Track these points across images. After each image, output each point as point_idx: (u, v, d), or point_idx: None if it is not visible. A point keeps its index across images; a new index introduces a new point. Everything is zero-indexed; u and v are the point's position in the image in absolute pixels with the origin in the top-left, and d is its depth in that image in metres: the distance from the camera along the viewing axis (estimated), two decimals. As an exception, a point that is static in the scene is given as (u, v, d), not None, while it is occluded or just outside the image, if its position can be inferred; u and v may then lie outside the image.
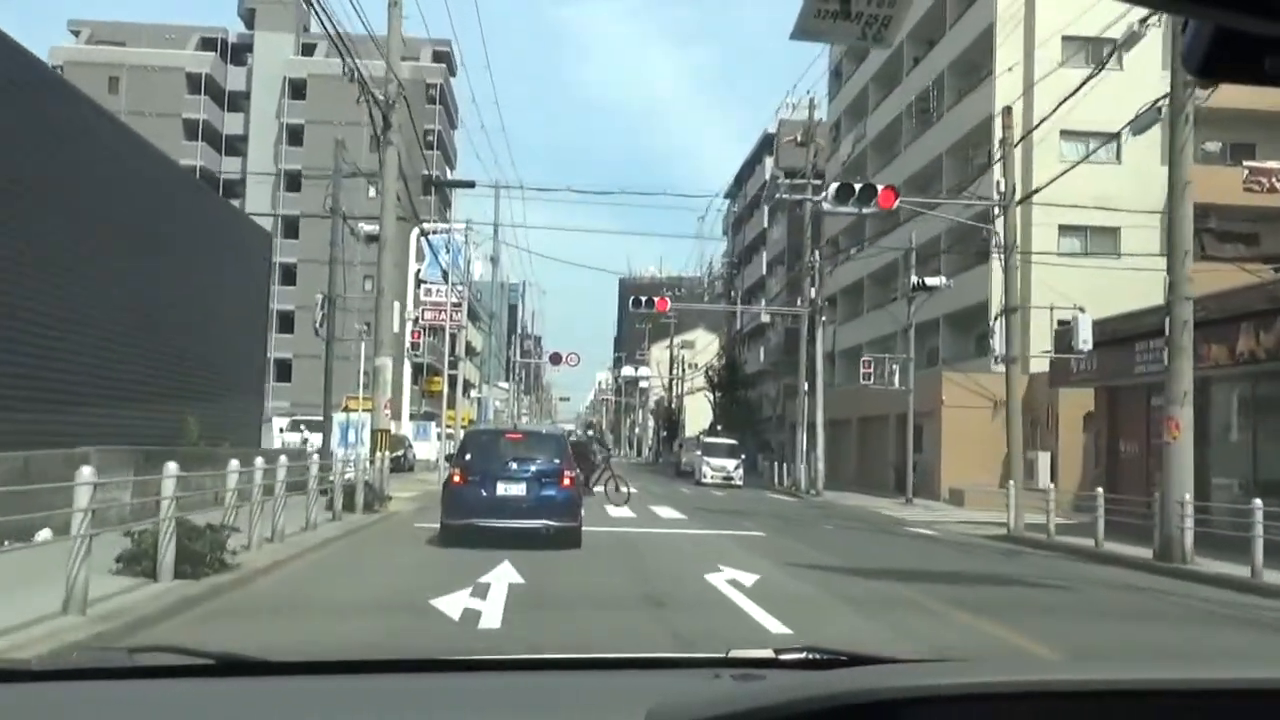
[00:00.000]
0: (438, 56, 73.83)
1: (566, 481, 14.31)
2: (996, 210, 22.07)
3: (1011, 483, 20.68)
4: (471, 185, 33.06)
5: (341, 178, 25.42)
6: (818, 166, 40.09)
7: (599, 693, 1.99)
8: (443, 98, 73.11)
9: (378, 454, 20.44)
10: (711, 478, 41.43)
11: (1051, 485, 19.73)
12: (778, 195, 39.54)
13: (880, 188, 20.18)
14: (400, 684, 2.03)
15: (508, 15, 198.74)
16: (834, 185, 20.42)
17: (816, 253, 37.45)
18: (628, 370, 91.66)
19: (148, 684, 1.97)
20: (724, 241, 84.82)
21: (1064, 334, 21.94)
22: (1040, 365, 34.41)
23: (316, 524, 14.59)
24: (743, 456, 44.14)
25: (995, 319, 21.92)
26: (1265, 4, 0.97)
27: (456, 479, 14.31)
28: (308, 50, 72.90)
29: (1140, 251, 33.99)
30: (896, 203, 20.51)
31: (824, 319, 36.55)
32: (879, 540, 19.22)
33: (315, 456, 14.70)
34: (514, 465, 14.35)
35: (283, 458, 12.78)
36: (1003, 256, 21.52)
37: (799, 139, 40.69)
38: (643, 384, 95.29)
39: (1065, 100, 19.88)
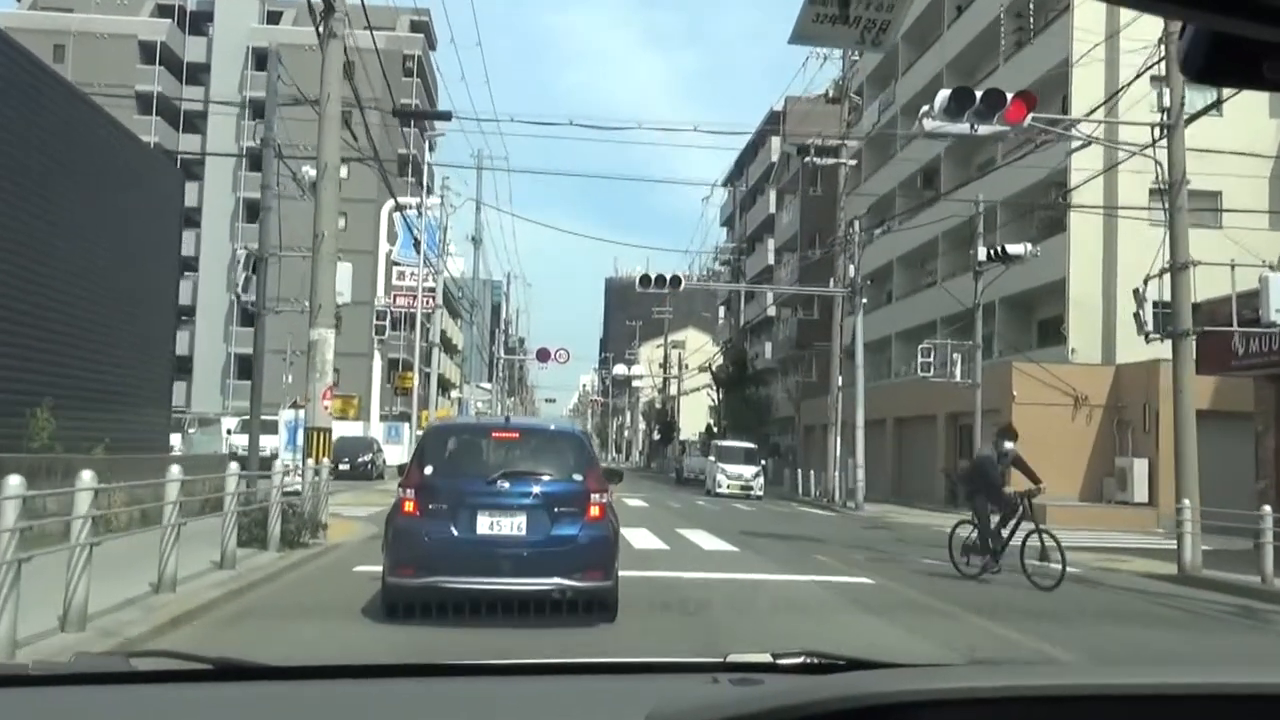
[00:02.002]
0: (416, 26, 68.09)
1: (594, 510, 8.54)
2: (1151, 138, 16.44)
3: (1186, 503, 15.02)
4: (448, 118, 27.96)
5: (278, 104, 19.64)
6: (827, 142, 34.33)
7: (598, 697, 1.96)
8: (420, 71, 67.21)
9: (310, 463, 14.69)
10: (728, 487, 35.75)
11: (1268, 509, 14.05)
12: (806, 159, 33.72)
13: (1010, 95, 14.55)
14: (399, 689, 1.99)
15: (495, 18, 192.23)
16: (943, 93, 14.74)
17: (856, 221, 31.74)
18: (619, 369, 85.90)
19: (145, 689, 1.93)
20: (723, 233, 79.35)
21: (1239, 302, 16.39)
22: (1129, 355, 28.89)
23: (176, 582, 8.81)
24: (762, 463, 38.50)
25: (1149, 280, 16.32)
26: (1263, 9, 0.96)
27: (409, 506, 8.54)
28: (273, 18, 67.02)
29: (1243, 214, 28.56)
30: (1028, 118, 14.82)
31: (864, 300, 30.88)
32: (1015, 587, 13.52)
33: (176, 469, 8.80)
34: (505, 484, 8.56)
35: (86, 474, 7.00)
36: (1166, 193, 15.89)
37: (830, 94, 35.08)
38: (635, 383, 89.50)
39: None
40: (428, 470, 8.65)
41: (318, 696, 1.94)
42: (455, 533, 8.32)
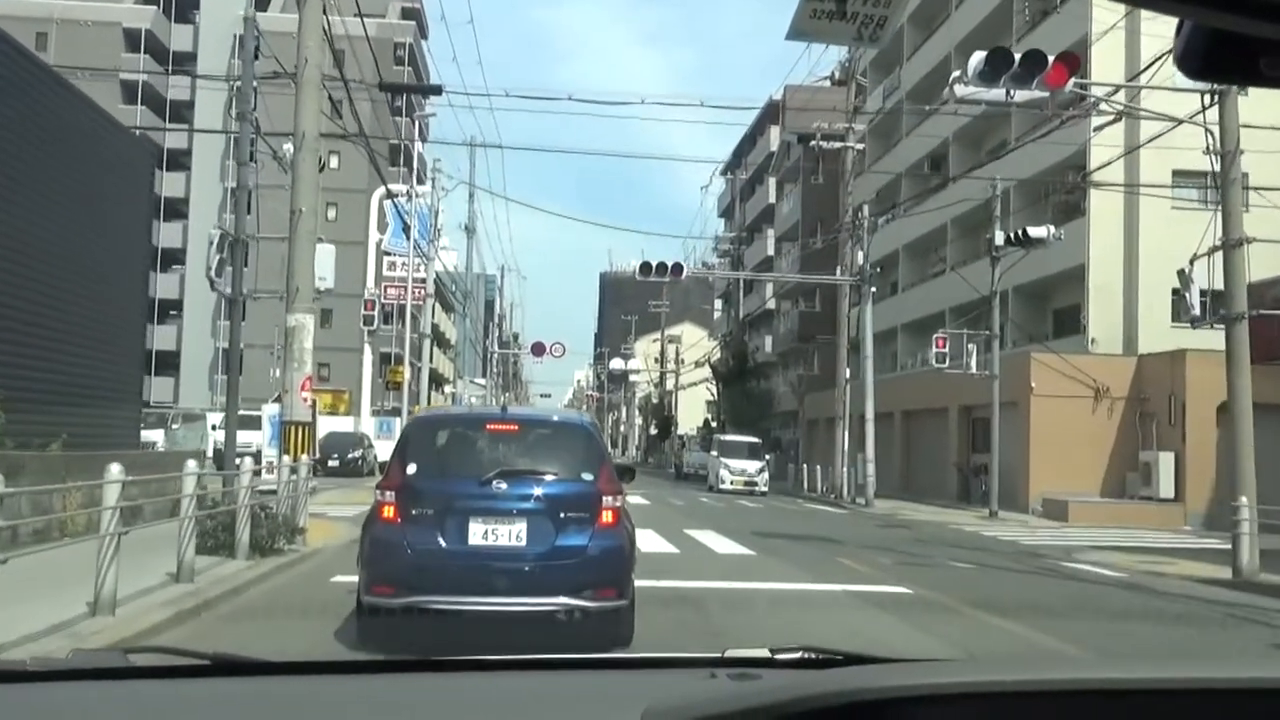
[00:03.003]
0: (407, 14, 66.76)
1: (607, 516, 7.27)
2: (1202, 105, 15.24)
3: (1243, 500, 13.81)
4: (438, 92, 26.88)
5: (259, 76, 18.33)
6: (833, 126, 33.08)
7: (595, 692, 1.94)
8: (412, 59, 65.80)
9: (288, 459, 13.42)
10: (731, 483, 34.55)
11: None
12: (811, 143, 32.43)
13: (1050, 58, 13.30)
14: (396, 684, 1.97)
15: (487, 15, 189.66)
16: (978, 55, 13.49)
17: (865, 206, 30.51)
18: (616, 363, 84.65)
19: (143, 684, 1.91)
20: (720, 225, 78.10)
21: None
22: (1151, 344, 27.73)
23: (116, 602, 7.54)
24: (766, 458, 37.29)
25: (1195, 259, 15.14)
26: (1260, 6, 0.96)
27: (388, 512, 7.28)
28: (261, 5, 65.54)
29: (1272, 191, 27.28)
30: (1070, 82, 13.59)
31: (873, 289, 29.64)
32: (1068, 594, 12.32)
33: (115, 468, 7.53)
34: (502, 485, 7.27)
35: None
36: (1218, 163, 14.68)
37: (836, 76, 33.83)
38: (632, 377, 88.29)
39: None
40: (411, 469, 7.38)
41: (315, 692, 1.92)
42: (443, 544, 7.06)
